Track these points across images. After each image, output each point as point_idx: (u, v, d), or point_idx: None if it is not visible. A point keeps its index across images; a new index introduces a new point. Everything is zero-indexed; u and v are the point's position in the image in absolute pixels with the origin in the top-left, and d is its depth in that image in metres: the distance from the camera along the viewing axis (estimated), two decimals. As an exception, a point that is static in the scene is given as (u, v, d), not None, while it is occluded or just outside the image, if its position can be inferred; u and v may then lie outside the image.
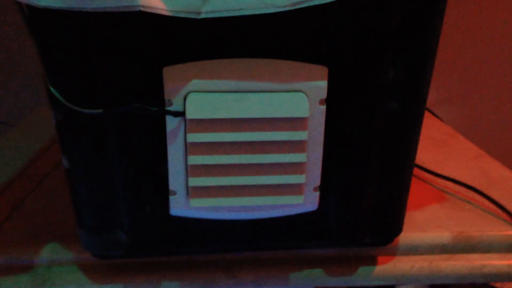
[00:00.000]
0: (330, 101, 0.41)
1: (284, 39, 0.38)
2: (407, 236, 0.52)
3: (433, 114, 0.98)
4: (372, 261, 0.52)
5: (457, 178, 0.64)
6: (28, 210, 0.57)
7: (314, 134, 0.41)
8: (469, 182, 0.63)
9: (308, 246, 0.50)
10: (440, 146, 0.80)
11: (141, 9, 0.33)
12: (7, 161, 0.71)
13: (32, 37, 0.36)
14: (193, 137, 0.39)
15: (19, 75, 1.05)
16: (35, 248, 0.50)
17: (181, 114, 0.39)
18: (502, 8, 1.04)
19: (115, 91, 0.38)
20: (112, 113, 0.39)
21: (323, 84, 0.40)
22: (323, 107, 0.41)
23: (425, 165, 0.69)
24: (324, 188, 0.44)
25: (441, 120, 0.95)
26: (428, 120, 0.94)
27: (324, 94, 0.40)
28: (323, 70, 0.40)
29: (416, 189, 0.64)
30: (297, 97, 0.40)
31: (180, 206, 0.43)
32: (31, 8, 0.34)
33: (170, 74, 0.38)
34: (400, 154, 0.44)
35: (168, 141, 0.40)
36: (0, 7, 1.00)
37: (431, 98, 1.08)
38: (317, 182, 0.44)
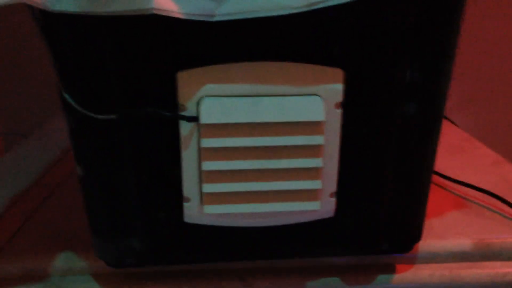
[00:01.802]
0: (346, 105, 0.40)
1: (299, 42, 0.38)
2: (427, 243, 0.51)
3: (449, 120, 0.96)
4: (391, 269, 0.50)
5: (476, 184, 0.63)
6: (42, 219, 0.57)
7: (330, 139, 0.41)
8: (488, 188, 0.62)
9: (324, 253, 0.49)
10: (457, 153, 0.78)
11: (154, 11, 0.33)
12: (21, 171, 0.71)
13: (45, 43, 0.36)
14: (207, 142, 0.39)
15: (32, 86, 1.05)
16: (49, 257, 0.49)
17: (195, 119, 0.38)
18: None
19: (128, 96, 0.38)
20: (126, 119, 0.38)
21: (338, 87, 0.39)
22: (339, 111, 0.40)
23: (444, 172, 0.68)
24: (341, 194, 0.43)
25: (457, 126, 0.94)
26: (444, 126, 0.92)
27: (340, 98, 0.40)
28: (338, 73, 0.39)
29: (434, 196, 0.62)
30: (313, 101, 0.39)
31: (195, 213, 0.42)
32: (44, 13, 0.34)
33: (184, 78, 0.38)
34: (419, 158, 0.43)
35: (182, 147, 0.40)
36: (12, 14, 1.01)
37: (447, 103, 1.07)
38: (334, 188, 0.43)
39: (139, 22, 0.35)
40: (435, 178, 0.67)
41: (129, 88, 0.37)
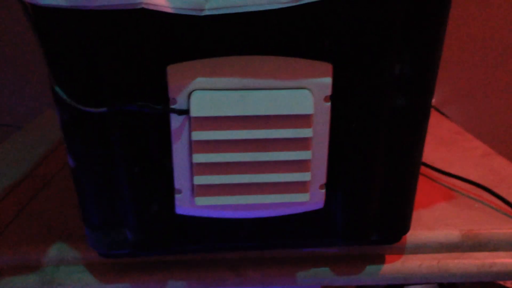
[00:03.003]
0: (335, 98, 0.40)
1: (288, 36, 0.38)
2: (415, 234, 0.52)
3: (441, 112, 0.97)
4: (380, 260, 0.51)
5: (466, 176, 0.64)
6: (35, 210, 0.57)
7: (319, 131, 0.41)
8: (478, 180, 0.63)
9: (314, 244, 0.49)
10: (448, 145, 0.79)
11: (144, 6, 0.33)
12: (14, 163, 0.71)
13: (36, 36, 0.36)
14: (197, 135, 0.39)
15: (26, 77, 1.05)
16: (42, 248, 0.50)
17: (185, 112, 0.39)
18: None
19: (119, 89, 0.38)
20: (116, 112, 0.39)
21: (327, 80, 0.40)
22: (328, 104, 0.40)
23: (433, 164, 0.69)
24: (330, 186, 0.44)
25: (449, 118, 0.95)
26: (436, 119, 0.93)
27: (328, 91, 0.40)
28: (327, 67, 0.39)
29: (424, 187, 0.63)
30: (302, 94, 0.39)
31: (186, 204, 0.43)
32: (34, 7, 0.34)
33: (174, 72, 0.38)
34: (407, 150, 0.44)
35: (173, 140, 0.40)
36: (9, 9, 1.01)
37: (439, 97, 1.08)
38: (323, 180, 0.43)
39: (129, 16, 0.35)
40: (425, 170, 0.67)
41: (120, 82, 0.38)
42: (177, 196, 0.42)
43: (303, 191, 0.42)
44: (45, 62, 0.37)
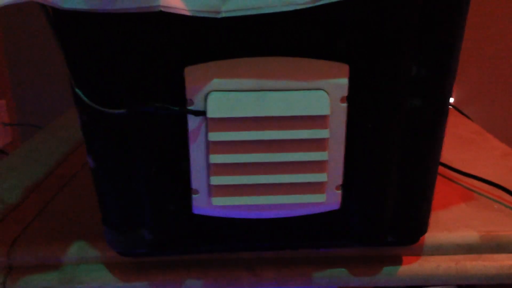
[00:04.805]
0: (352, 99, 0.40)
1: (304, 37, 0.38)
2: (433, 235, 0.51)
3: (461, 112, 0.96)
4: (397, 261, 0.51)
5: (485, 177, 0.63)
6: (56, 210, 0.58)
7: (336, 132, 0.41)
8: (498, 181, 0.62)
9: (331, 245, 0.49)
10: (468, 145, 0.78)
11: (162, 9, 0.33)
12: (36, 162, 0.72)
13: (57, 39, 0.37)
14: (214, 136, 0.40)
15: (49, 79, 1.07)
16: (62, 247, 0.51)
17: (202, 113, 0.39)
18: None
19: (137, 91, 0.39)
20: (135, 113, 0.39)
21: (344, 81, 0.40)
22: (344, 105, 0.40)
23: (453, 164, 0.68)
24: (347, 187, 0.44)
25: (469, 118, 0.94)
26: (456, 119, 0.92)
27: (345, 92, 0.40)
28: (344, 68, 0.39)
29: (443, 188, 0.63)
30: (318, 95, 0.40)
31: (203, 204, 0.43)
32: (55, 10, 0.35)
33: (191, 73, 0.38)
34: (424, 151, 0.43)
35: (190, 140, 0.41)
36: (33, 12, 1.03)
37: (458, 96, 1.07)
38: (339, 181, 0.43)
39: (147, 19, 0.36)
40: (443, 170, 0.67)
41: (138, 83, 0.38)
42: (194, 196, 0.43)
43: (319, 192, 0.43)
44: (65, 64, 0.38)
